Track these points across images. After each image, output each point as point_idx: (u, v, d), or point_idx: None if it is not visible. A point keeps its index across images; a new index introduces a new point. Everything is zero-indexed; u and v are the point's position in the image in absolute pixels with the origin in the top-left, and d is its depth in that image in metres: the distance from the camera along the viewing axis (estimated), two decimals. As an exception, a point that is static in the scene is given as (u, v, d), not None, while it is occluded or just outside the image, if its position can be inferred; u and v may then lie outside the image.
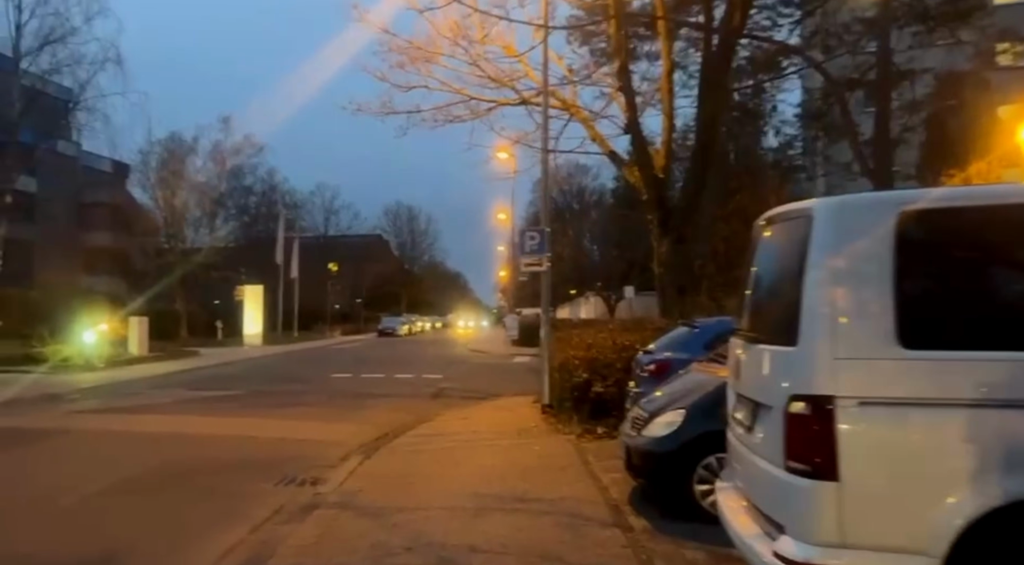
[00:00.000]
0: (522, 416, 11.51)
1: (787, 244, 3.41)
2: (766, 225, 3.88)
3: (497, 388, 16.38)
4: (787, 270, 3.35)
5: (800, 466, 3.03)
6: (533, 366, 20.53)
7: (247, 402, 13.75)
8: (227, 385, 16.74)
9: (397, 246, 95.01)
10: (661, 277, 11.18)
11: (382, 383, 17.75)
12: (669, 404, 5.73)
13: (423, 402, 14.16)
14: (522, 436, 9.64)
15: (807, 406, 3.02)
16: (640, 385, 8.04)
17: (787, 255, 3.39)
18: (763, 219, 3.97)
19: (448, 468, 7.60)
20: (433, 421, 11.50)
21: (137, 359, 22.86)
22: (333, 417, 11.94)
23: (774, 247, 3.69)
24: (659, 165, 11.34)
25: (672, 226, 10.96)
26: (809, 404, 3.01)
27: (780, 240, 3.58)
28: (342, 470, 7.73)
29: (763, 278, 3.80)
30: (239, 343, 37.87)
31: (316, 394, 15.07)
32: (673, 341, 8.36)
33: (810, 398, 3.01)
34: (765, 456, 3.35)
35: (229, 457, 8.69)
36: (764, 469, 3.33)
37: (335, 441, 9.71)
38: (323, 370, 21.00)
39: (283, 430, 10.63)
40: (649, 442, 5.56)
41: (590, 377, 9.88)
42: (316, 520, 5.71)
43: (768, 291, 3.66)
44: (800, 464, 3.04)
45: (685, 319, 9.53)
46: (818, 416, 2.98)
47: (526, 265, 11.85)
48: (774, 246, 3.69)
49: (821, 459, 2.96)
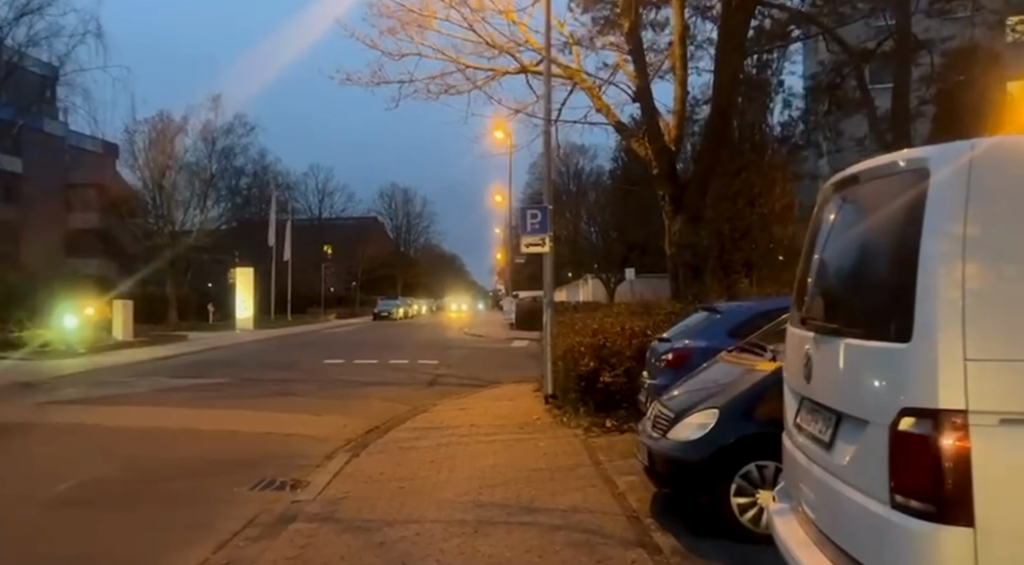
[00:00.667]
0: (524, 407, 10.77)
1: (885, 208, 2.62)
2: (843, 186, 3.08)
3: (496, 375, 15.65)
4: (887, 242, 2.57)
5: (914, 503, 2.27)
6: (532, 351, 19.82)
7: (231, 391, 12.98)
8: (212, 373, 15.96)
9: (392, 229, 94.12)
10: (673, 258, 10.38)
11: (375, 370, 16.99)
12: (699, 402, 4.97)
13: (418, 391, 13.42)
14: (524, 430, 8.89)
15: (925, 423, 2.25)
16: (656, 376, 7.28)
17: (886, 222, 2.60)
18: (837, 180, 3.17)
19: (444, 469, 6.85)
20: (428, 412, 10.76)
21: (121, 344, 22.05)
22: (322, 408, 11.18)
23: (860, 213, 2.89)
24: (671, 136, 10.50)
25: (686, 202, 10.14)
26: (929, 421, 2.24)
27: (870, 203, 2.79)
28: (327, 471, 6.98)
29: (843, 253, 2.99)
30: (231, 327, 37.05)
31: (306, 382, 14.30)
32: (691, 328, 7.58)
33: (930, 413, 2.24)
34: (855, 483, 2.58)
35: (204, 455, 7.93)
36: (853, 500, 2.56)
37: (322, 436, 8.97)
38: (315, 356, 20.23)
39: (267, 423, 9.87)
40: (677, 447, 4.80)
41: (597, 366, 9.12)
42: (291, 537, 4.95)
43: (855, 269, 2.85)
44: (914, 501, 2.27)
45: (703, 303, 8.76)
46: (942, 437, 2.20)
47: (527, 245, 11.04)
48: (860, 211, 2.89)
49: (946, 495, 2.19)
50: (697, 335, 7.09)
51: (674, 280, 10.50)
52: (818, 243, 3.29)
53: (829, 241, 3.13)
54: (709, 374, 5.62)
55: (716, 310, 7.30)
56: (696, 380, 5.67)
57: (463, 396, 12.46)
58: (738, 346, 5.66)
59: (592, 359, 9.23)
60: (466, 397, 12.36)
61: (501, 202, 45.93)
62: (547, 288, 11.22)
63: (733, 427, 4.62)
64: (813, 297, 3.21)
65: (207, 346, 24.00)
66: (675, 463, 4.81)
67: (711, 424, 4.69)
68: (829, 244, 3.13)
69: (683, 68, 10.48)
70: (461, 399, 12.12)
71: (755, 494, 4.53)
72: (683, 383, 5.75)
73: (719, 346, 6.68)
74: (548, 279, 11.24)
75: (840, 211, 3.08)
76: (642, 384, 7.87)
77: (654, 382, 7.18)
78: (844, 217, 3.02)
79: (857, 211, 2.91)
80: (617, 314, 12.23)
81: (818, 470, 2.91)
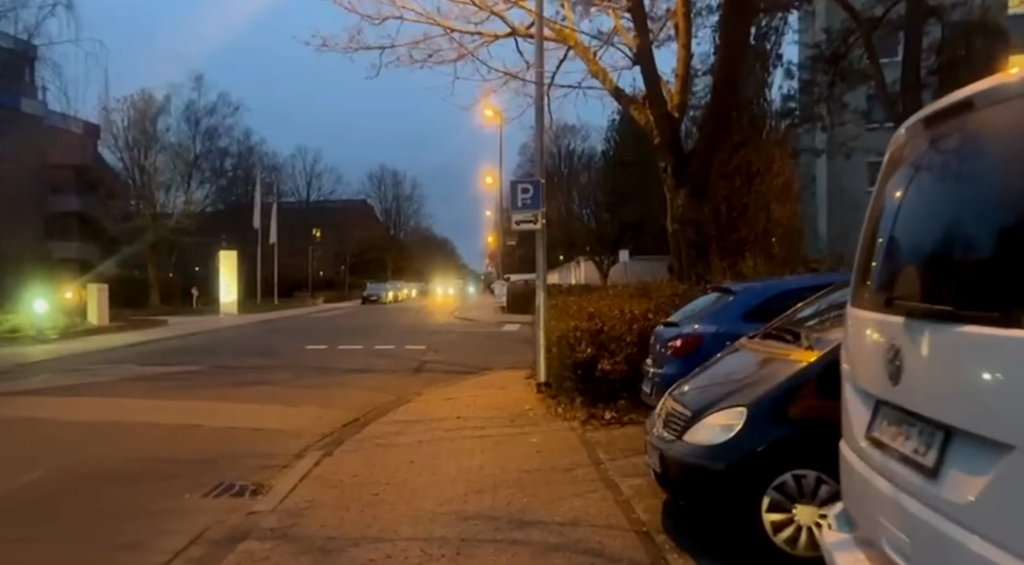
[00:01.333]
0: (515, 396, 10.01)
1: (1004, 148, 1.83)
2: (942, 119, 2.29)
3: (486, 360, 14.89)
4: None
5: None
6: (524, 335, 19.07)
7: (203, 380, 12.16)
8: (187, 359, 15.13)
9: (382, 211, 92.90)
10: (675, 235, 9.59)
11: (359, 356, 16.20)
12: (721, 398, 4.20)
13: (403, 378, 12.64)
14: (516, 423, 8.13)
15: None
16: (662, 365, 6.52)
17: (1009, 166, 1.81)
18: (930, 114, 2.38)
19: (425, 471, 6.08)
20: (412, 402, 9.99)
21: (95, 330, 21.15)
22: (298, 398, 10.39)
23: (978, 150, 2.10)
24: (674, 102, 9.65)
25: (689, 175, 9.32)
26: None
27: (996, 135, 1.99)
28: (294, 473, 6.20)
29: (953, 207, 2.19)
30: (215, 312, 36.13)
31: (284, 370, 13.50)
32: (700, 311, 6.81)
33: None
34: (984, 532, 1.81)
35: (159, 454, 7.14)
36: (981, 557, 1.79)
37: (295, 430, 8.19)
38: (297, 341, 19.40)
39: (236, 416, 9.09)
40: (696, 452, 4.04)
41: (595, 353, 8.37)
42: (240, 559, 4.17)
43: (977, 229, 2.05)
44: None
45: (714, 283, 7.99)
46: None
47: (518, 222, 10.23)
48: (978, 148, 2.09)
49: None
50: (708, 319, 6.32)
51: (676, 259, 9.71)
52: (899, 199, 2.50)
53: (923, 193, 2.34)
54: (729, 365, 4.86)
55: (729, 291, 6.52)
56: (714, 371, 4.90)
57: (451, 384, 11.70)
58: (762, 332, 4.89)
59: (589, 345, 8.47)
60: (454, 385, 11.60)
61: (492, 183, 45.08)
62: (540, 269, 10.43)
63: (765, 429, 3.86)
64: (900, 270, 2.42)
65: (186, 331, 23.13)
66: (695, 471, 4.05)
67: (738, 425, 3.92)
68: (923, 197, 2.34)
69: (687, 26, 9.61)
70: (448, 387, 11.36)
71: (791, 509, 3.78)
72: (698, 375, 4.98)
73: (734, 331, 5.93)
74: (541, 259, 10.45)
75: (938, 153, 2.29)
76: (645, 373, 7.11)
77: (660, 371, 6.42)
78: (949, 159, 2.23)
79: (972, 148, 2.11)
80: (614, 296, 11.48)
81: (914, 504, 2.14)
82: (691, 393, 4.63)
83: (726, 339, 5.96)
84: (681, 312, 7.06)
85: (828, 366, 3.87)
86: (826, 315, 4.45)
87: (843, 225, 34.16)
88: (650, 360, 7.08)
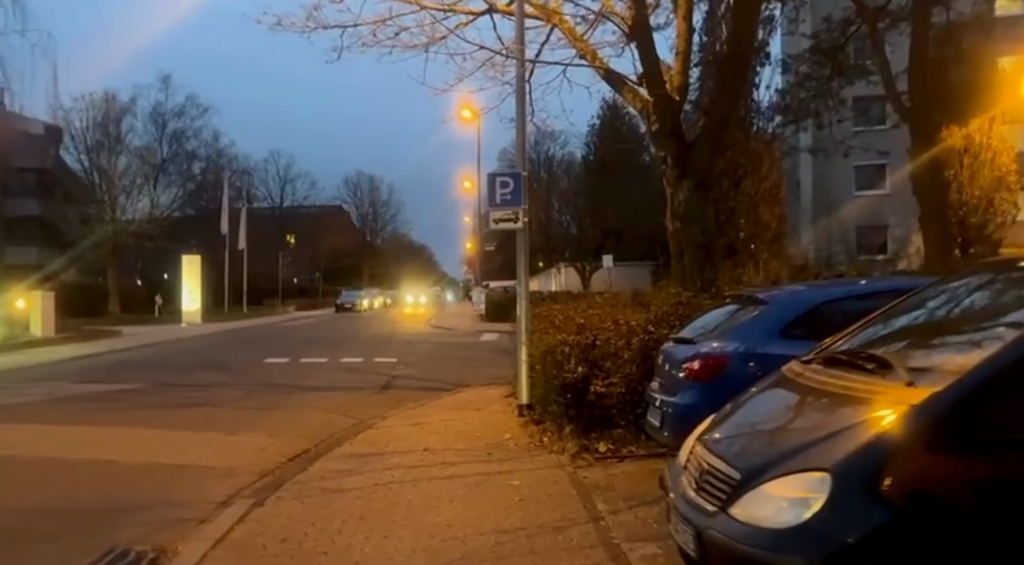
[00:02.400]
0: (493, 421, 8.72)
1: None
2: None
3: (461, 375, 13.60)
4: None
5: None
6: (503, 345, 17.83)
7: (139, 401, 10.70)
8: (129, 376, 13.62)
9: (358, 217, 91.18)
10: (676, 235, 8.36)
11: (323, 370, 14.80)
12: (782, 456, 2.95)
13: (368, 397, 11.29)
14: (494, 457, 6.84)
15: None
16: (675, 392, 5.25)
17: None
18: None
19: (377, 532, 4.76)
20: (375, 428, 8.66)
21: (37, 342, 19.47)
22: (242, 423, 9.01)
23: None
24: (674, 85, 8.44)
25: (693, 165, 8.11)
26: None
27: None
28: (209, 532, 4.86)
29: None
30: (178, 320, 34.40)
31: (234, 387, 12.07)
32: (719, 324, 5.57)
33: None
34: None
35: (51, 502, 5.76)
36: None
37: (228, 466, 6.83)
38: (257, 353, 17.92)
39: (163, 447, 7.70)
40: (755, 537, 2.78)
41: (587, 372, 7.12)
42: None
43: None
44: None
45: (736, 290, 6.77)
46: None
47: (496, 220, 8.96)
48: None
49: None
50: (732, 335, 5.08)
51: (678, 263, 8.49)
52: None
53: None
54: (778, 402, 3.61)
55: (756, 300, 5.27)
56: (756, 410, 3.66)
57: (421, 404, 10.38)
58: (820, 356, 3.66)
59: (579, 363, 7.22)
60: (424, 405, 10.29)
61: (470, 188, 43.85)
62: (521, 274, 9.16)
63: (859, 508, 2.61)
64: None
65: (140, 343, 21.51)
66: (753, 566, 2.78)
67: (817, 500, 2.67)
68: None
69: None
70: (418, 409, 10.04)
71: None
72: (732, 413, 3.73)
73: (767, 351, 4.73)
74: (522, 263, 9.18)
75: None
76: (651, 399, 5.86)
77: (673, 400, 5.16)
78: None
79: None
80: (605, 305, 10.25)
81: None
82: (732, 443, 3.38)
83: (758, 361, 4.75)
84: (694, 326, 5.82)
85: (950, 411, 2.66)
86: (923, 334, 3.23)
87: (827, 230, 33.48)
88: (657, 384, 5.83)
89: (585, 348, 7.39)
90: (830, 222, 32.18)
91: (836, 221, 32.56)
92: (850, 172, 35.01)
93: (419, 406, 10.26)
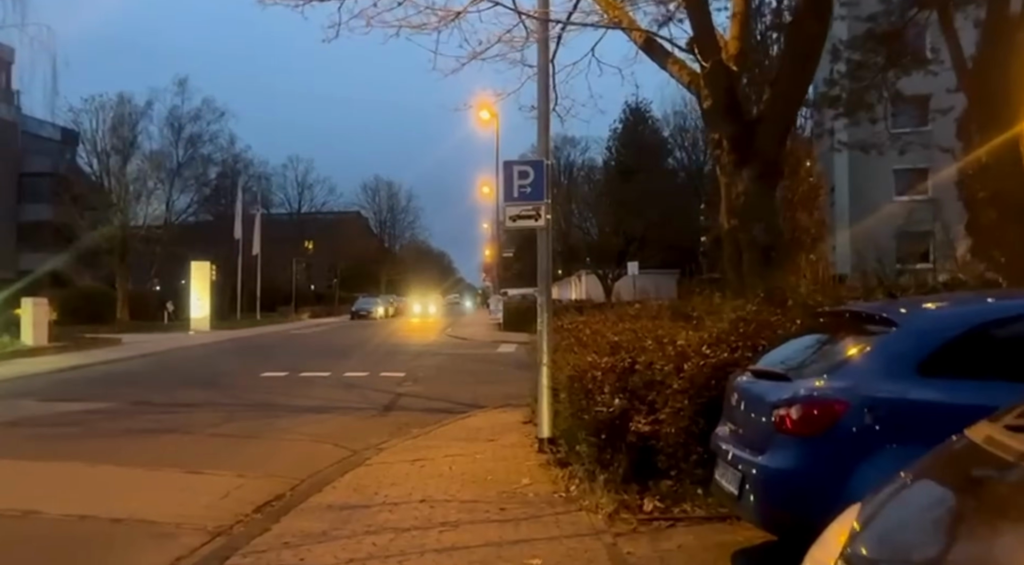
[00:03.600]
0: (508, 457, 7.25)
1: None
2: None
3: (474, 393, 12.16)
4: None
5: None
6: (521, 358, 16.33)
7: (104, 425, 9.34)
8: (106, 392, 12.31)
9: (376, 224, 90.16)
10: (732, 234, 6.83)
11: (322, 387, 13.40)
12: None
13: (366, 421, 9.89)
14: (509, 513, 5.37)
15: None
16: (763, 447, 3.72)
17: None
18: None
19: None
20: (368, 465, 7.24)
21: (24, 352, 18.28)
22: (211, 457, 7.61)
23: None
24: (730, 52, 6.95)
25: (756, 149, 6.60)
26: None
27: None
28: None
29: None
30: (188, 328, 33.30)
31: (217, 408, 10.70)
32: (820, 352, 4.03)
33: None
34: None
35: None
36: None
37: (174, 523, 5.42)
38: (256, 366, 16.59)
39: (104, 492, 6.33)
40: None
41: (626, 405, 5.63)
42: None
43: None
44: None
45: (841, 305, 5.24)
46: None
47: (514, 218, 7.52)
48: None
49: None
50: (847, 371, 3.54)
51: (734, 269, 6.95)
52: None
53: None
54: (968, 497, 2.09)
55: (881, 319, 3.71)
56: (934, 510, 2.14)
57: (425, 432, 8.94)
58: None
59: (615, 392, 5.74)
60: (429, 433, 8.84)
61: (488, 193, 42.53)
62: (543, 280, 7.70)
63: None
64: None
65: (138, 352, 20.29)
66: None
67: None
68: None
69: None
70: (421, 438, 8.60)
71: None
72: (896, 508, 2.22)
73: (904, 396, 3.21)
74: (544, 268, 7.72)
75: None
76: (717, 449, 4.36)
77: (760, 462, 3.64)
78: None
79: None
80: (638, 317, 8.70)
81: None
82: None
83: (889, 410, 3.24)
84: (779, 354, 4.29)
85: None
86: None
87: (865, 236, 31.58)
88: (727, 430, 4.33)
89: (622, 373, 5.89)
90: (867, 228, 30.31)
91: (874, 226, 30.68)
92: (889, 176, 33.15)
93: (424, 434, 8.82)
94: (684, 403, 5.49)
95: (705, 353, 5.70)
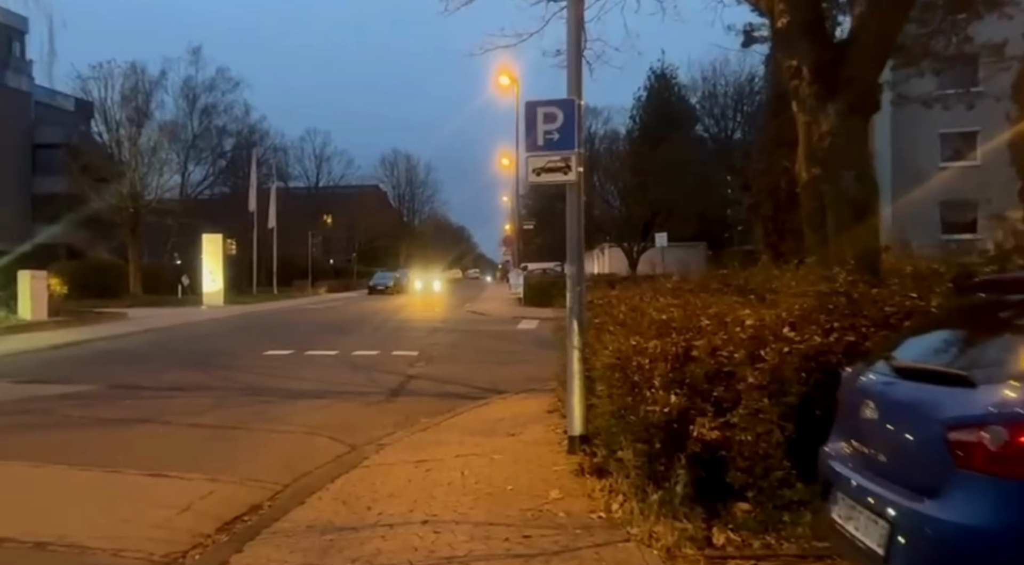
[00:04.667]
0: (532, 458, 6.04)
1: None
2: None
3: (493, 376, 10.99)
4: None
5: None
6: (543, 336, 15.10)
7: (71, 413, 8.24)
8: (90, 373, 11.27)
9: (395, 197, 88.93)
10: (812, 186, 5.43)
11: (326, 367, 12.26)
12: None
13: (370, 408, 8.74)
14: (534, 545, 4.15)
15: None
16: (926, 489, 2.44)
17: None
18: None
19: None
20: (364, 466, 6.07)
21: (23, 326, 17.38)
22: (183, 453, 6.48)
23: None
24: (812, -40, 5.55)
25: (847, 77, 5.20)
26: None
27: None
28: None
29: None
30: (200, 302, 32.47)
31: (206, 392, 9.59)
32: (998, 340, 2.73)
33: None
34: None
35: None
36: None
37: (114, 548, 4.29)
38: (261, 343, 15.52)
39: (41, 501, 5.21)
40: None
41: (685, 403, 4.37)
42: None
43: None
44: None
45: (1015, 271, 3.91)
46: None
47: (538, 170, 6.21)
48: None
49: None
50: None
51: (816, 230, 5.58)
52: None
53: None
54: None
55: None
56: None
57: (435, 422, 7.76)
58: None
59: (669, 385, 4.47)
60: (440, 425, 7.66)
61: (508, 165, 41.02)
62: (574, 248, 6.39)
63: None
64: None
65: (141, 328, 19.34)
66: None
67: None
68: None
69: None
70: (431, 430, 7.43)
71: None
72: None
73: None
74: (576, 235, 6.40)
75: None
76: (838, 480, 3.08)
77: (925, 509, 2.36)
78: None
79: None
80: (685, 290, 7.36)
81: None
82: None
83: None
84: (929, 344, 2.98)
85: None
86: None
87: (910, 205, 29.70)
88: (851, 448, 3.04)
89: (675, 361, 4.62)
90: (913, 196, 28.42)
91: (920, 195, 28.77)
92: (934, 140, 31.13)
93: (433, 425, 7.64)
94: (764, 402, 4.22)
95: (788, 336, 4.41)
